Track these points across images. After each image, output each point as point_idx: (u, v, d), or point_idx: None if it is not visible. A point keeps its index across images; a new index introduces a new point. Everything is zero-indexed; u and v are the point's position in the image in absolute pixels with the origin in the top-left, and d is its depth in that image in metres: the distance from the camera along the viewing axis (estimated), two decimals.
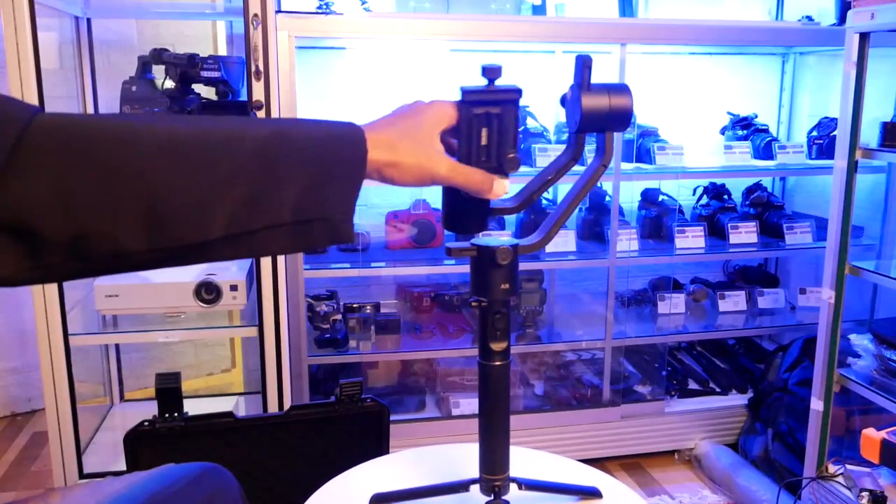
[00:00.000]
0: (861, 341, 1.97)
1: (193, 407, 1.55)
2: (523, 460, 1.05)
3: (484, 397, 0.86)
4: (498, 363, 0.84)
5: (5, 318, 2.77)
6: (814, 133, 2.59)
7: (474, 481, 0.90)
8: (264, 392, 1.95)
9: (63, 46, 2.07)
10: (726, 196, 2.72)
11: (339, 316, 2.35)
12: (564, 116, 0.83)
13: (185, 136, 0.61)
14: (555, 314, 2.69)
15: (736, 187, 2.77)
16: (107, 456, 2.07)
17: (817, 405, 1.94)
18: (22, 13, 1.64)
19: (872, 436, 1.58)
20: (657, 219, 2.62)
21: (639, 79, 2.38)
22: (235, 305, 1.91)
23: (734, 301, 2.67)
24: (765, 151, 2.52)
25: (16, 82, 1.67)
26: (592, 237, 2.55)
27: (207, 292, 1.87)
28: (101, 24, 2.26)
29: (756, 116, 2.68)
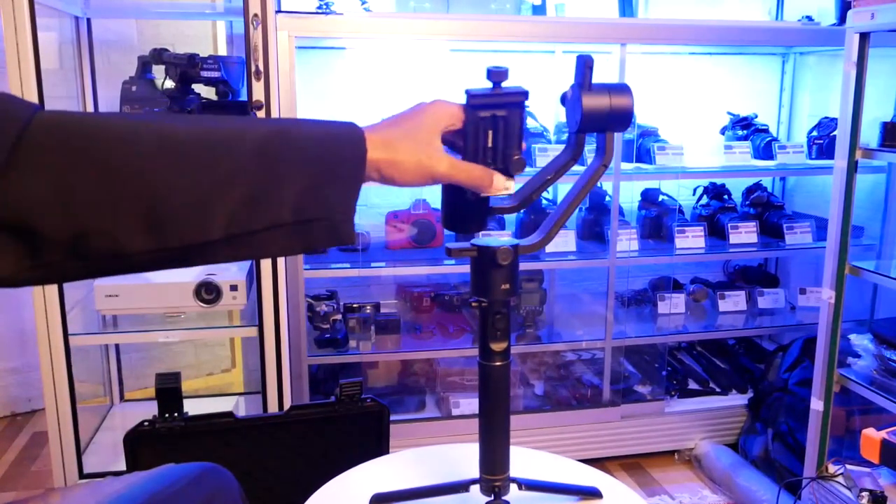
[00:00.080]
0: (861, 341, 1.97)
1: (193, 407, 1.55)
2: (523, 460, 1.05)
3: (484, 397, 0.86)
4: (498, 363, 0.84)
5: (5, 318, 2.77)
6: (814, 133, 2.59)
7: (474, 481, 0.90)
8: (264, 392, 1.95)
9: (63, 46, 2.07)
10: (726, 196, 2.72)
11: (339, 316, 2.35)
12: (564, 116, 0.83)
13: (186, 136, 0.61)
14: (555, 314, 2.69)
15: (736, 187, 2.77)
16: (107, 456, 2.07)
17: (817, 405, 1.94)
18: (22, 13, 1.64)
19: (872, 436, 1.58)
20: (657, 219, 2.62)
21: (639, 79, 2.38)
22: (235, 305, 1.91)
23: (734, 301, 2.67)
24: (765, 151, 2.52)
25: (16, 82, 1.67)
26: (592, 237, 2.55)
27: (207, 292, 1.87)
28: (101, 24, 2.26)
29: (756, 116, 2.68)
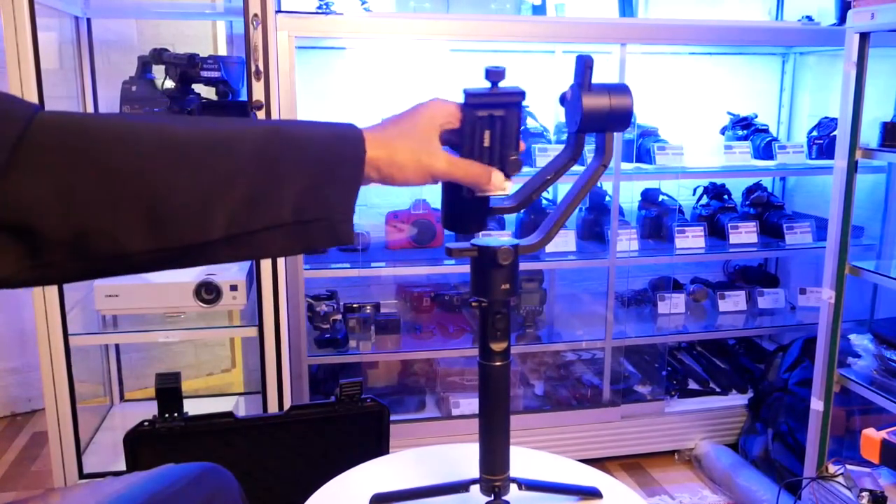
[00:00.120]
0: (861, 341, 1.97)
1: (193, 407, 1.55)
2: (523, 460, 1.05)
3: (484, 397, 0.86)
4: (498, 363, 0.84)
5: (5, 318, 2.77)
6: (814, 133, 2.59)
7: (474, 481, 0.90)
8: (264, 392, 1.95)
9: (63, 46, 2.07)
10: (726, 196, 2.72)
11: (339, 316, 2.35)
12: (564, 116, 0.83)
13: (186, 137, 0.61)
14: (555, 314, 2.68)
15: (736, 187, 2.77)
16: (107, 456, 2.07)
17: (817, 405, 1.94)
18: (22, 13, 1.64)
19: (872, 436, 1.58)
20: (657, 219, 2.62)
21: (639, 79, 2.38)
22: (235, 305, 1.91)
23: (734, 301, 2.67)
24: (765, 151, 2.52)
25: (16, 82, 1.67)
26: (592, 237, 2.55)
27: (207, 292, 1.87)
28: (101, 24, 2.26)
29: (756, 116, 2.68)
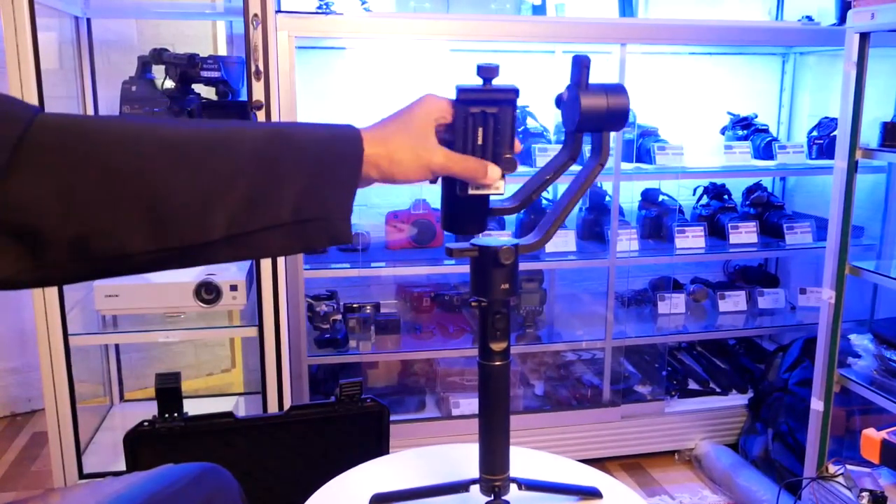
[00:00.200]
0: (861, 341, 1.97)
1: (193, 407, 1.55)
2: (523, 460, 1.05)
3: (484, 397, 0.86)
4: (498, 363, 0.84)
5: (5, 319, 2.77)
6: (814, 133, 2.59)
7: (474, 481, 0.90)
8: (264, 392, 1.95)
9: (63, 46, 2.07)
10: (726, 196, 2.72)
11: (339, 316, 2.35)
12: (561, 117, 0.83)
13: (186, 138, 0.61)
14: (555, 314, 2.68)
15: (736, 187, 2.77)
16: (107, 456, 2.07)
17: (817, 405, 1.94)
18: (22, 13, 1.64)
19: (872, 436, 1.58)
20: (657, 219, 2.62)
21: (639, 79, 2.38)
22: (235, 305, 1.91)
23: (734, 301, 2.67)
24: (765, 151, 2.52)
25: (16, 82, 1.67)
26: (592, 237, 2.55)
27: (207, 292, 1.87)
28: (101, 24, 2.26)
29: (756, 116, 2.68)
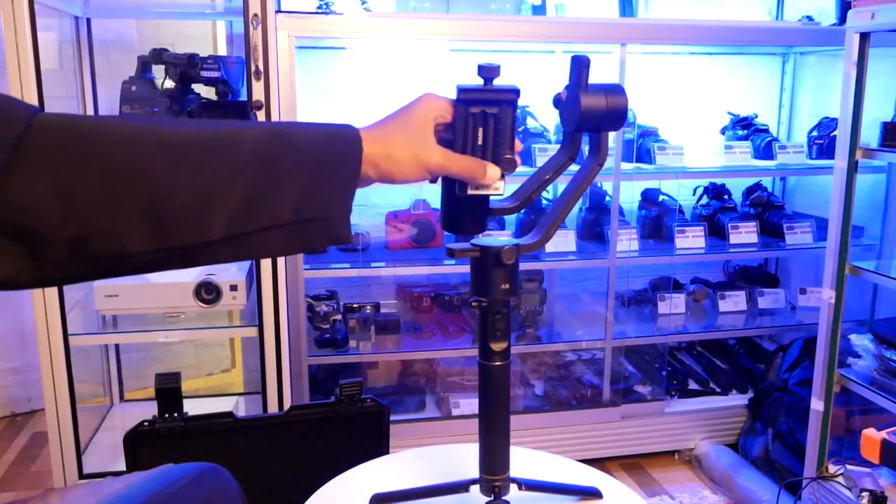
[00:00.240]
0: (861, 341, 1.97)
1: (193, 407, 1.55)
2: (523, 460, 1.05)
3: (484, 397, 0.86)
4: (498, 363, 0.84)
5: (5, 319, 2.77)
6: (814, 133, 2.59)
7: (474, 481, 0.90)
8: (264, 392, 1.95)
9: (63, 46, 2.07)
10: (726, 196, 2.72)
11: (339, 316, 2.35)
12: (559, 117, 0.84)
13: (186, 138, 0.61)
14: (555, 314, 2.68)
15: (736, 187, 2.77)
16: (106, 456, 2.07)
17: (817, 405, 1.94)
18: (22, 13, 1.64)
19: (873, 436, 1.58)
20: (657, 219, 2.62)
21: (639, 79, 2.38)
22: (235, 305, 1.91)
23: (734, 301, 2.67)
24: (765, 151, 2.51)
25: (16, 82, 1.67)
26: (592, 237, 2.55)
27: (207, 292, 1.87)
28: (101, 24, 2.26)
29: (756, 116, 2.68)
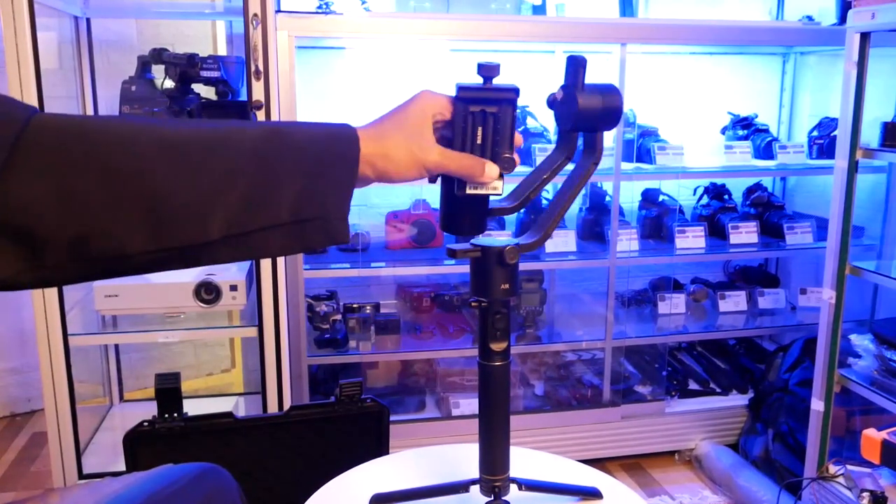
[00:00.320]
0: (862, 341, 1.97)
1: (193, 407, 1.55)
2: (523, 460, 1.05)
3: (484, 397, 0.86)
4: (498, 363, 0.84)
5: (5, 319, 2.76)
6: (814, 133, 2.59)
7: (474, 482, 0.90)
8: (264, 392, 1.94)
9: (62, 46, 2.07)
10: (727, 196, 2.72)
11: (339, 316, 2.35)
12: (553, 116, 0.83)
13: (185, 138, 0.61)
14: (555, 314, 2.68)
15: (736, 187, 2.76)
16: (106, 456, 2.07)
17: (818, 405, 1.94)
18: (21, 13, 1.64)
19: (873, 436, 1.58)
20: (657, 219, 2.62)
21: (639, 79, 2.38)
22: (235, 305, 1.91)
23: (734, 301, 2.66)
24: (765, 151, 2.51)
25: (15, 82, 1.67)
26: (592, 237, 2.55)
27: (207, 292, 1.87)
28: (101, 24, 2.26)
29: (756, 116, 2.68)
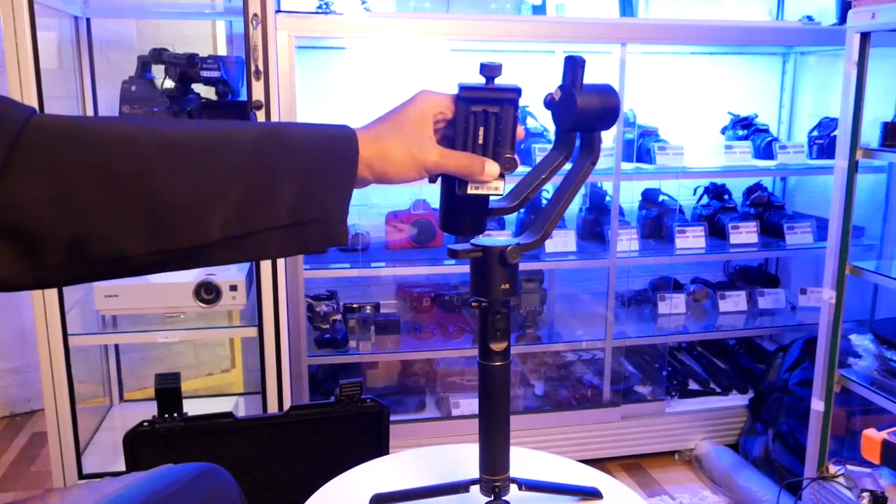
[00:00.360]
0: (862, 341, 1.97)
1: (193, 407, 1.54)
2: (523, 461, 1.05)
3: (484, 397, 0.86)
4: (498, 363, 0.84)
5: (5, 319, 2.76)
6: (814, 133, 2.59)
7: (474, 482, 0.90)
8: (264, 392, 1.94)
9: (62, 46, 2.07)
10: (727, 196, 2.72)
11: (339, 316, 2.35)
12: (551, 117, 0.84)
13: (184, 138, 0.61)
14: (555, 314, 2.68)
15: (736, 187, 2.76)
16: (106, 456, 2.07)
17: (818, 405, 1.94)
18: (21, 13, 1.64)
19: (873, 436, 1.58)
20: (657, 219, 2.62)
21: (639, 79, 2.38)
22: (235, 305, 1.91)
23: (734, 301, 2.66)
24: (765, 151, 2.51)
25: (15, 82, 1.67)
26: (593, 237, 2.55)
27: (207, 292, 1.87)
28: (101, 24, 2.26)
29: (756, 116, 2.68)
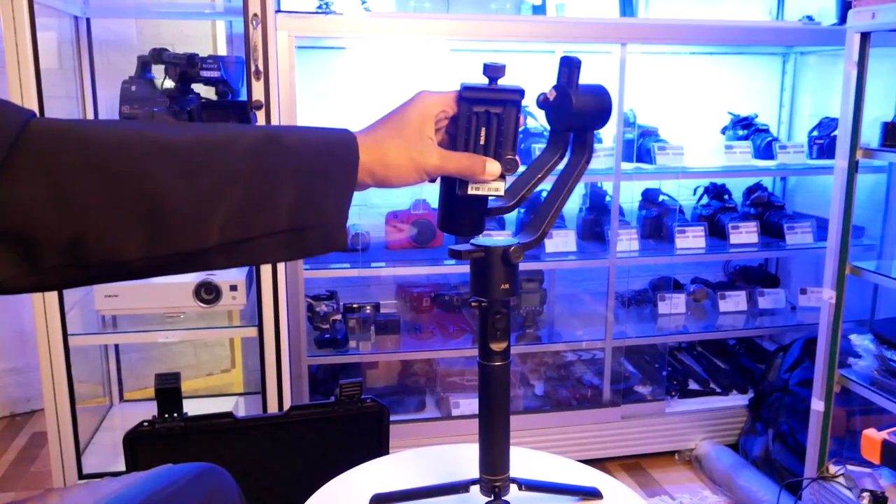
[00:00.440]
0: (862, 342, 1.97)
1: (193, 407, 1.54)
2: (523, 461, 1.05)
3: (484, 397, 0.86)
4: (498, 363, 0.84)
5: (5, 319, 2.76)
6: (814, 133, 2.59)
7: (474, 482, 0.90)
8: (264, 392, 1.94)
9: (62, 46, 2.07)
10: (727, 196, 2.72)
11: (339, 316, 2.35)
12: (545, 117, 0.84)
13: (183, 142, 0.61)
14: (555, 314, 2.68)
15: (736, 187, 2.76)
16: (106, 456, 2.07)
17: (818, 405, 1.94)
18: (21, 13, 1.64)
19: (873, 436, 1.58)
20: (657, 219, 2.62)
21: (639, 79, 2.38)
22: (235, 305, 1.91)
23: (735, 301, 2.66)
24: (765, 151, 2.51)
25: (15, 82, 1.67)
26: (592, 237, 2.55)
27: (207, 292, 1.87)
28: (101, 24, 2.26)
29: (756, 116, 2.68)
